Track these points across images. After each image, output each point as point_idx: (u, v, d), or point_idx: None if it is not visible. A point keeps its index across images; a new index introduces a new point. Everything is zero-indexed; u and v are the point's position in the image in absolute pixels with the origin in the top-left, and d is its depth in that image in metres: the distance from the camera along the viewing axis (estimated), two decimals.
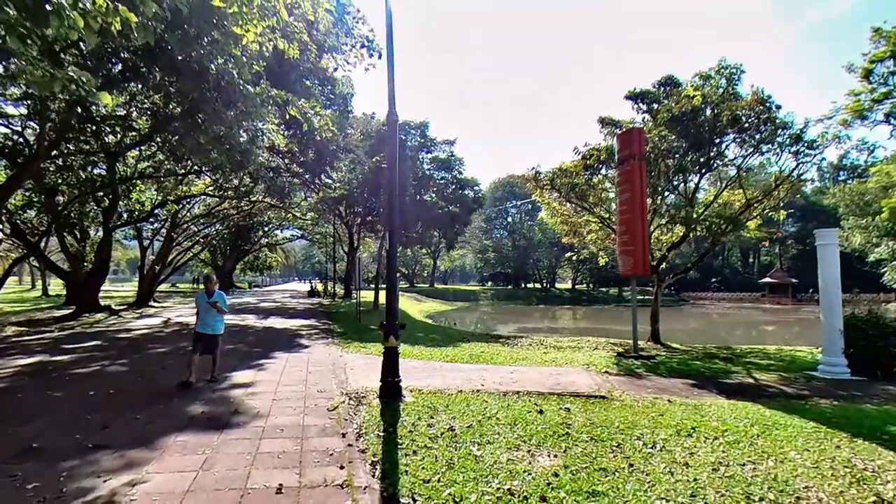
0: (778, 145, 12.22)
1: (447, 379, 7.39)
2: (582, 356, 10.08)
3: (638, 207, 9.56)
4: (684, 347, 12.96)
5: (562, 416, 5.55)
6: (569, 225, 15.79)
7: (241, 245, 47.11)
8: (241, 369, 7.66)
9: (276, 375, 7.24)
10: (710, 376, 8.22)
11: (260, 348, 9.91)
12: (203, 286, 7.15)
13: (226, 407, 5.56)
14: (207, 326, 6.96)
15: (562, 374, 7.88)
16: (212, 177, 19.06)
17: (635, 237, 9.58)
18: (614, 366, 8.90)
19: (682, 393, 6.97)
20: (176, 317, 17.38)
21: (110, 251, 21.06)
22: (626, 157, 9.83)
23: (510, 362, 9.04)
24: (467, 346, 11.53)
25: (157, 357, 8.66)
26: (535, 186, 13.97)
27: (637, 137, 9.68)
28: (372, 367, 8.33)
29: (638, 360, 9.47)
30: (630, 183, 9.67)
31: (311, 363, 8.41)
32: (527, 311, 49.20)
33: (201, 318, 7.00)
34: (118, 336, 11.67)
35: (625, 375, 8.08)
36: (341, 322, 16.96)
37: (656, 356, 10.01)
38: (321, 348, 10.21)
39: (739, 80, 11.48)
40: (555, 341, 13.58)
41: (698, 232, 12.64)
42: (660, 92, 13.46)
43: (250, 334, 12.41)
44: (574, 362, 9.13)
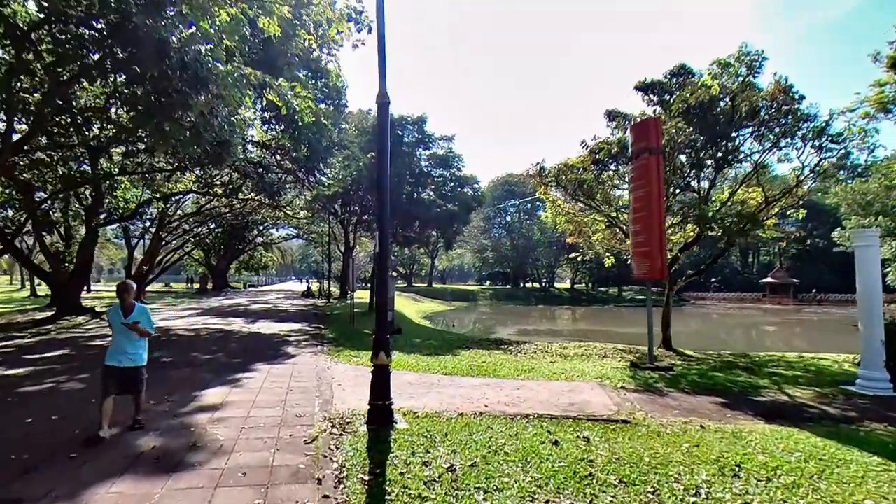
0: (800, 139, 11.43)
1: (445, 397, 6.55)
2: (592, 367, 9.26)
3: (654, 205, 8.72)
4: (698, 355, 12.15)
5: (581, 448, 4.72)
6: (574, 224, 14.94)
7: (236, 244, 46.17)
8: (213, 385, 6.80)
9: (251, 394, 6.39)
10: (739, 392, 7.40)
11: (240, 359, 9.05)
12: (118, 298, 4.99)
13: (184, 438, 4.70)
14: (124, 356, 4.87)
15: (574, 392, 7.04)
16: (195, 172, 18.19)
17: (651, 238, 8.75)
18: (630, 379, 8.08)
19: (713, 415, 6.14)
20: (160, 320, 16.48)
21: (93, 251, 20.17)
22: (640, 151, 8.99)
23: (515, 375, 8.20)
24: (467, 355, 10.69)
25: None
26: (539, 183, 13.12)
27: (653, 129, 8.85)
28: (362, 380, 7.48)
29: (655, 373, 8.65)
30: (646, 179, 8.83)
31: (294, 377, 7.56)
32: (526, 311, 48.42)
33: (115, 344, 4.93)
34: (90, 344, 10.80)
35: (644, 392, 7.25)
36: (334, 326, 16.11)
37: (673, 367, 9.19)
38: (308, 358, 9.36)
39: (761, 69, 10.66)
40: (560, 347, 12.76)
41: (714, 232, 11.82)
42: (672, 82, 12.63)
43: (233, 341, 11.55)
44: (585, 375, 8.30)
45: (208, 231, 36.37)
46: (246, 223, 40.03)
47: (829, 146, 11.20)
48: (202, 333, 12.90)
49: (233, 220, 36.06)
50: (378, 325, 5.49)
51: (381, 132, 5.50)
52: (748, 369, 9.85)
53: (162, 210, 23.94)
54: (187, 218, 27.96)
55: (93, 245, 19.97)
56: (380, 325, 5.48)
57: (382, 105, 5.51)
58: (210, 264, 47.23)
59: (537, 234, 71.06)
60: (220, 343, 11.12)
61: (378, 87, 5.53)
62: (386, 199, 5.45)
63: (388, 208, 5.49)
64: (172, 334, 12.65)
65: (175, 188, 20.52)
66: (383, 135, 5.49)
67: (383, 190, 5.43)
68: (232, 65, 5.70)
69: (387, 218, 5.47)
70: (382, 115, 5.50)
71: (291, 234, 51.24)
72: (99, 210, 20.30)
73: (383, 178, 5.46)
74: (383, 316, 5.51)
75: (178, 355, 9.29)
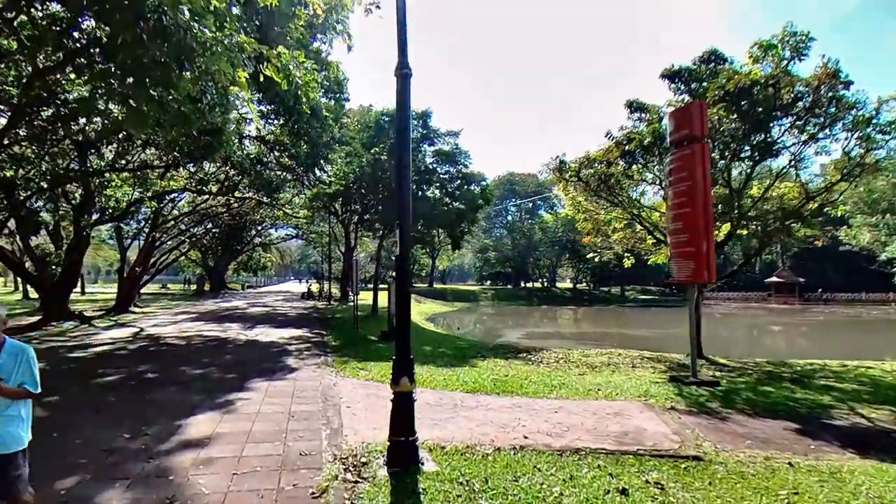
0: (845, 129, 10.52)
1: (475, 424, 5.59)
2: (628, 381, 8.31)
3: (700, 200, 7.77)
4: (732, 363, 11.22)
5: (657, 500, 3.77)
6: (592, 222, 14.02)
7: (234, 245, 45.16)
8: (202, 411, 5.82)
9: (246, 422, 5.41)
10: (808, 415, 6.45)
11: (235, 374, 8.07)
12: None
13: (160, 492, 3.73)
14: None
15: (621, 414, 6.09)
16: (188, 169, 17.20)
17: (697, 236, 7.80)
18: (677, 397, 7.13)
19: (792, 445, 5.19)
20: (150, 326, 15.51)
21: (82, 253, 19.12)
22: (682, 139, 8.04)
23: (546, 392, 7.24)
24: (486, 366, 9.74)
25: (100, 391, 6.81)
26: (559, 178, 12.16)
27: (698, 115, 7.89)
28: (374, 401, 6.53)
29: (701, 388, 7.71)
30: (689, 170, 7.88)
31: (296, 397, 6.59)
32: (530, 312, 47.52)
33: None
34: (70, 356, 9.81)
35: (700, 414, 6.30)
36: (337, 331, 15.15)
37: (719, 381, 8.24)
38: (311, 372, 8.38)
39: (808, 51, 9.72)
40: (581, 356, 11.81)
41: (750, 229, 10.89)
42: (702, 69, 11.68)
43: (228, 351, 10.57)
44: (625, 392, 7.35)
45: (205, 231, 35.34)
46: (244, 223, 39.02)
47: (877, 137, 10.30)
48: (195, 342, 11.92)
49: (230, 220, 35.04)
50: (398, 345, 4.54)
51: (402, 108, 4.56)
52: (796, 381, 8.93)
53: (155, 209, 22.92)
54: (182, 217, 26.92)
55: (82, 247, 18.93)
56: (400, 345, 4.53)
57: (403, 76, 4.55)
58: (207, 265, 46.18)
59: (538, 234, 70.24)
60: (214, 354, 10.14)
61: (398, 57, 4.60)
62: (407, 186, 4.52)
63: (409, 195, 4.55)
64: (162, 343, 11.67)
65: (168, 186, 19.49)
66: (403, 111, 4.55)
67: (403, 169, 4.52)
68: (222, 31, 4.74)
69: (408, 206, 4.53)
70: (403, 87, 4.55)
71: (290, 234, 50.28)
72: (89, 210, 19.29)
73: (404, 155, 4.55)
74: (405, 334, 4.56)
75: (164, 370, 8.32)
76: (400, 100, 4.59)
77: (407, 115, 4.59)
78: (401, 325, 4.57)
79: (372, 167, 19.87)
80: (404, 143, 4.58)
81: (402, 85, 4.57)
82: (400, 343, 4.53)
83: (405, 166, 4.52)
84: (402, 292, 4.60)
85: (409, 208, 4.56)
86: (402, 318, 4.57)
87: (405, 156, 4.56)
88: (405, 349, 4.49)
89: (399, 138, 4.63)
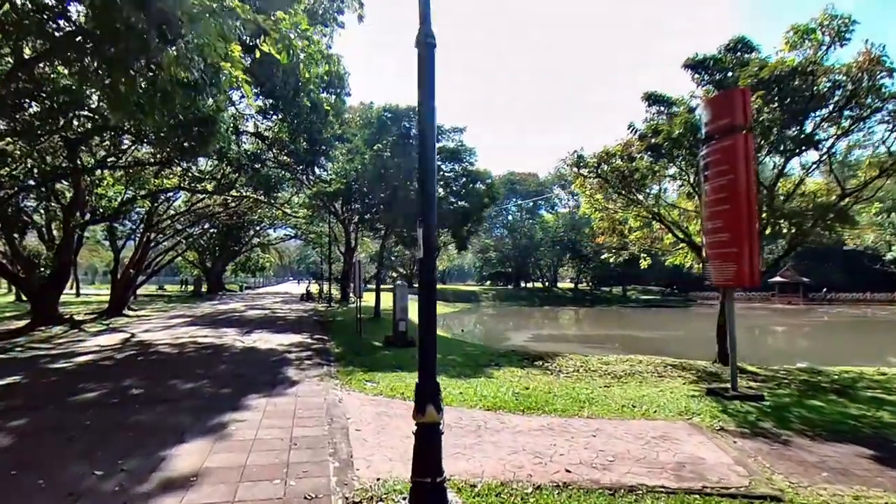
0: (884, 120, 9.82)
1: (504, 452, 4.85)
2: (661, 395, 7.60)
3: (743, 196, 7.05)
4: (764, 371, 10.51)
5: None
6: (609, 222, 13.30)
7: (231, 245, 44.40)
8: (190, 437, 5.07)
9: (241, 452, 4.67)
10: (875, 436, 5.72)
11: (230, 389, 7.32)
12: None
13: None
14: None
15: (668, 438, 5.36)
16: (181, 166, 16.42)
17: (739, 236, 7.07)
18: (722, 414, 6.41)
19: (876, 478, 4.46)
20: (142, 332, 14.73)
21: (71, 254, 18.33)
22: (722, 129, 7.31)
23: (576, 410, 6.51)
24: (502, 377, 9.01)
25: (77, 412, 6.04)
26: (577, 174, 11.43)
27: (740, 101, 7.17)
28: (386, 421, 5.80)
29: (744, 403, 6.99)
30: (730, 163, 7.15)
31: (298, 418, 5.84)
32: (532, 312, 46.83)
33: None
34: (52, 367, 9.04)
35: (755, 436, 5.57)
36: (339, 336, 14.40)
37: (761, 393, 7.51)
38: (314, 386, 7.63)
39: (850, 36, 9.01)
40: (601, 363, 11.12)
41: (783, 227, 10.18)
42: (729, 58, 10.98)
43: (224, 361, 9.80)
44: (663, 409, 6.62)
45: (202, 231, 34.57)
46: (242, 223, 38.26)
47: None
48: (188, 350, 11.16)
49: (227, 220, 34.28)
50: (422, 364, 3.79)
51: (425, 83, 3.81)
52: (840, 393, 8.24)
53: (149, 209, 22.15)
54: (178, 217, 26.13)
55: (70, 248, 18.15)
56: (425, 365, 3.78)
57: (427, 45, 3.82)
58: (205, 266, 45.38)
59: (539, 234, 69.60)
60: (208, 364, 9.38)
61: (419, 25, 3.87)
62: (432, 175, 3.81)
63: (434, 184, 3.85)
64: (153, 351, 10.90)
65: (162, 184, 18.70)
66: (427, 87, 3.80)
67: (428, 151, 3.80)
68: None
69: (433, 196, 3.81)
70: (426, 59, 3.81)
71: (289, 234, 49.55)
72: (79, 209, 18.51)
73: (428, 136, 3.83)
74: (430, 351, 3.81)
75: (152, 384, 7.56)
76: (423, 73, 3.84)
77: (431, 91, 3.84)
78: (425, 341, 3.82)
79: (374, 165, 19.15)
80: (429, 125, 3.85)
81: (426, 56, 3.83)
82: (424, 362, 3.78)
83: (430, 147, 3.79)
84: (427, 300, 3.84)
85: (434, 200, 3.82)
86: (427, 331, 3.82)
87: (429, 137, 3.82)
88: (430, 370, 3.75)
89: (422, 119, 3.88)
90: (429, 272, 3.85)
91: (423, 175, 3.86)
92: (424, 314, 3.82)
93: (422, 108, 3.82)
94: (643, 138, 10.17)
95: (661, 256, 14.82)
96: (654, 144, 9.82)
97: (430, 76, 3.85)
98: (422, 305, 3.84)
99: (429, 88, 3.85)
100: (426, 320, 3.81)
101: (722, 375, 9.69)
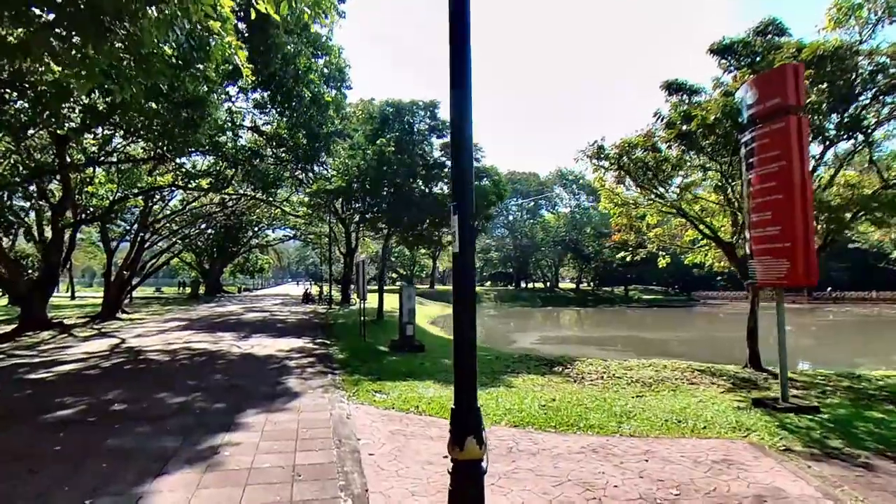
0: None
1: (548, 484, 4.10)
2: (702, 406, 6.85)
3: (797, 184, 6.31)
4: (800, 376, 9.79)
5: None
6: (627, 218, 12.57)
7: (229, 246, 43.60)
8: (175, 465, 4.31)
9: (234, 488, 3.90)
10: None
11: (224, 403, 6.55)
12: None
13: None
14: None
15: (731, 461, 4.62)
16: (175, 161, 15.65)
17: (793, 229, 6.34)
18: (780, 430, 5.66)
19: None
20: (134, 337, 13.95)
21: (61, 255, 17.54)
22: (771, 111, 6.58)
23: (614, 426, 5.75)
24: (523, 386, 8.26)
25: (48, 433, 5.28)
26: (596, 166, 10.70)
27: (792, 79, 6.42)
28: (403, 443, 5.04)
29: (800, 416, 6.25)
30: (782, 148, 6.42)
31: (301, 440, 5.08)
32: (535, 313, 46.12)
33: None
34: (30, 378, 8.26)
35: (830, 458, 4.82)
36: (342, 340, 13.65)
37: (817, 405, 6.77)
38: (318, 398, 6.88)
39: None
40: (623, 368, 10.36)
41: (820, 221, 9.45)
42: (759, 42, 10.27)
43: (219, 370, 9.03)
44: (711, 424, 5.88)
45: (198, 232, 33.78)
46: (240, 224, 37.50)
47: None
48: (180, 357, 10.39)
49: (225, 220, 33.52)
50: (460, 385, 3.04)
51: (459, 14, 3.04)
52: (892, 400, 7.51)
53: (143, 208, 21.38)
54: (173, 217, 25.34)
55: (60, 248, 17.37)
56: (463, 386, 3.03)
57: None
58: (202, 268, 44.55)
59: (540, 234, 68.93)
60: (201, 373, 8.61)
61: None
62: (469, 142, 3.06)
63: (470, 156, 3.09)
64: (142, 359, 10.12)
65: (155, 182, 17.90)
66: (462, 19, 3.03)
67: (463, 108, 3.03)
68: None
69: (469, 171, 3.05)
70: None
71: (288, 235, 48.80)
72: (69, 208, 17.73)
73: (462, 100, 3.03)
74: (467, 369, 3.06)
75: (137, 397, 6.79)
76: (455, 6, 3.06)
77: (466, 28, 3.03)
78: (462, 355, 3.06)
79: (376, 161, 18.40)
80: (464, 72, 3.02)
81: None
82: (462, 382, 3.03)
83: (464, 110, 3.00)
84: (463, 304, 3.08)
85: (470, 178, 3.03)
86: (464, 343, 3.06)
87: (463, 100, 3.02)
88: (470, 392, 3.01)
89: (456, 75, 3.05)
90: (465, 270, 3.08)
91: (457, 149, 3.08)
92: (461, 322, 3.07)
93: (455, 62, 3.06)
94: (671, 126, 9.43)
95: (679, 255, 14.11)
96: (685, 132, 9.09)
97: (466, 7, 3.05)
98: (458, 311, 3.09)
99: (463, 24, 3.04)
100: (463, 329, 3.06)
101: (759, 382, 8.97)
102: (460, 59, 3.04)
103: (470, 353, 3.05)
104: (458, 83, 3.04)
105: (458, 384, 3.04)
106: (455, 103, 3.05)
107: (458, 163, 3.03)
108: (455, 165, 3.06)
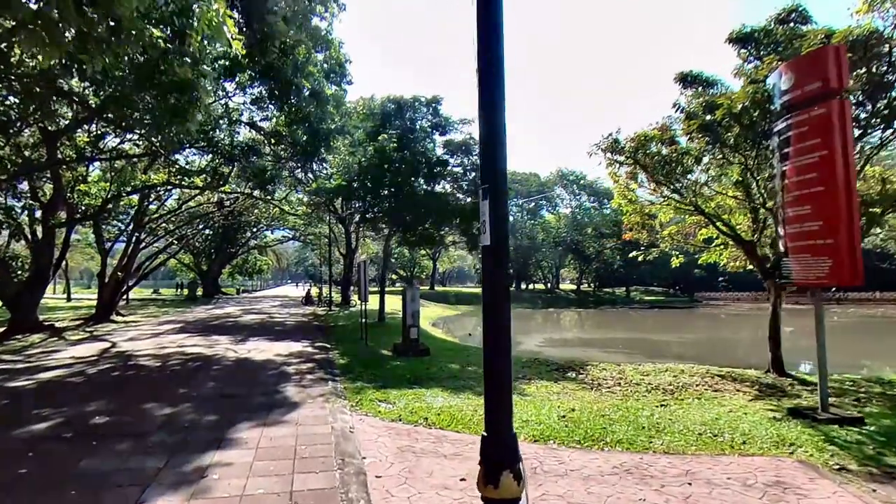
0: None
1: None
2: (735, 416, 6.32)
3: (840, 176, 5.80)
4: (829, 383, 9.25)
5: None
6: (641, 216, 12.04)
7: (227, 247, 43.06)
8: (155, 492, 3.77)
9: None
10: None
11: (216, 415, 6.01)
12: None
13: None
14: None
15: (784, 484, 4.09)
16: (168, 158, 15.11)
17: (836, 224, 5.82)
18: (827, 444, 5.13)
19: None
20: (126, 340, 13.40)
21: (52, 255, 17.00)
22: (810, 96, 6.07)
23: (645, 439, 5.23)
24: (537, 392, 7.73)
25: (17, 452, 4.72)
26: (610, 160, 10.19)
27: (834, 61, 5.91)
28: (413, 462, 4.51)
29: (842, 428, 5.73)
30: (823, 136, 5.90)
31: (300, 461, 4.54)
32: (537, 315, 45.53)
33: None
34: (9, 385, 7.72)
35: (893, 479, 4.30)
36: (343, 344, 13.11)
37: (861, 416, 6.24)
38: (318, 409, 6.34)
39: None
40: (638, 374, 9.85)
41: None
42: (781, 30, 9.77)
43: (213, 377, 8.48)
44: (750, 438, 5.34)
45: (195, 232, 33.21)
46: (238, 224, 36.96)
47: None
48: (172, 362, 9.84)
49: (223, 220, 32.96)
50: (490, 408, 2.52)
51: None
52: None
53: (138, 208, 20.83)
54: (169, 217, 24.79)
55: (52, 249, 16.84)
56: (494, 408, 2.51)
57: None
58: (200, 269, 43.97)
59: (541, 235, 68.41)
60: (193, 381, 8.07)
61: None
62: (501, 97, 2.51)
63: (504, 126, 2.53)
64: (132, 364, 9.57)
65: (149, 180, 17.35)
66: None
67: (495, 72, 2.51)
68: None
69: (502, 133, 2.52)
70: None
71: (287, 236, 48.27)
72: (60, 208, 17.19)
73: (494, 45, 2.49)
74: (501, 389, 2.53)
75: (121, 408, 6.25)
76: None
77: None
78: (496, 372, 2.53)
79: (377, 159, 17.86)
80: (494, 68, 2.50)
81: None
82: (494, 405, 2.50)
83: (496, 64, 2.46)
84: (495, 308, 2.54)
85: (504, 154, 2.50)
86: (498, 355, 2.52)
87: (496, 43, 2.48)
88: (505, 417, 2.48)
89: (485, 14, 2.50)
90: (498, 266, 2.53)
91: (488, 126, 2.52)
92: (493, 330, 2.52)
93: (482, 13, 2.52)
94: (692, 117, 8.92)
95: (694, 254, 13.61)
96: (707, 123, 8.57)
97: None
98: (487, 316, 2.55)
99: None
100: (495, 339, 2.52)
101: (786, 389, 8.44)
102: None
103: (504, 371, 2.52)
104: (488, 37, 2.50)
105: (491, 404, 2.52)
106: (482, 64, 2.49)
107: (494, 135, 2.48)
108: (488, 141, 2.50)
